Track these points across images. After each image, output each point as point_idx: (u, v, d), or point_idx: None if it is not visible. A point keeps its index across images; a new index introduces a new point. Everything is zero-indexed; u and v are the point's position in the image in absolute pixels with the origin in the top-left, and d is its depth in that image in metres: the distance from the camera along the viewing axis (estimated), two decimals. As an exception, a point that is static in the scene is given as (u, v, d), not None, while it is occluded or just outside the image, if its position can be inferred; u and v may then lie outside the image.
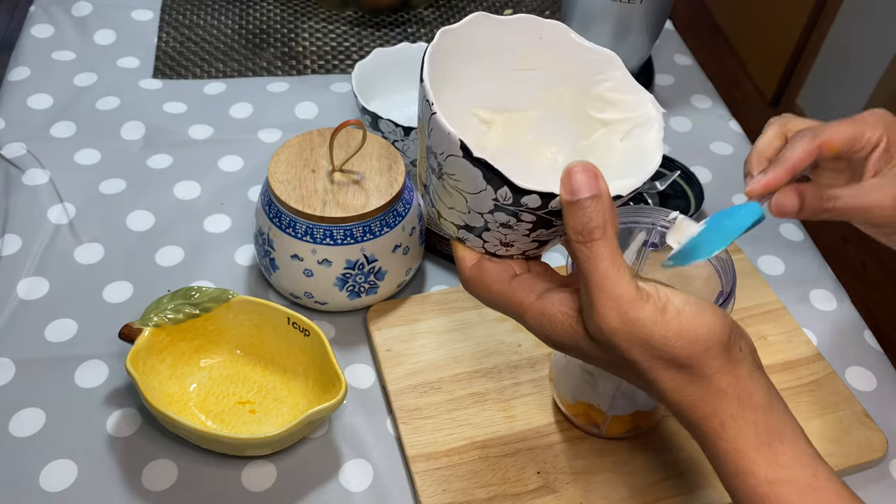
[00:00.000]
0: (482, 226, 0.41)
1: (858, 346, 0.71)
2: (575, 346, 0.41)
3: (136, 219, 0.75)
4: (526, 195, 0.38)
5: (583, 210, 0.36)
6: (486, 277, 0.43)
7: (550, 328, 0.41)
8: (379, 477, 0.59)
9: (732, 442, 0.39)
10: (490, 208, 0.40)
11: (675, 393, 0.40)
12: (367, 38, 0.98)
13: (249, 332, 0.63)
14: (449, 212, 0.43)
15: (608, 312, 0.37)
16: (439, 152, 0.40)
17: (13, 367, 0.63)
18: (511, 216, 0.40)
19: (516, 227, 0.40)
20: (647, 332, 0.38)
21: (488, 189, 0.39)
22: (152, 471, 0.58)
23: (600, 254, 0.37)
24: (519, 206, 0.39)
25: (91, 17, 0.98)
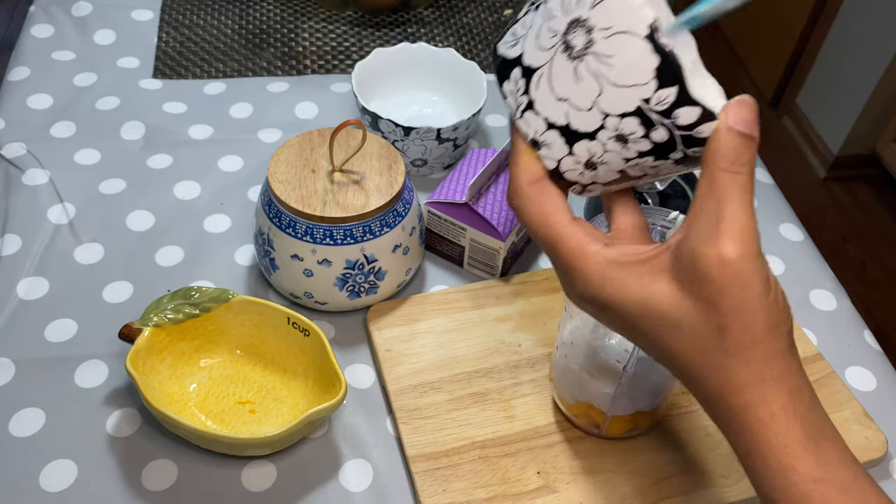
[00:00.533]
0: (591, 131, 0.37)
1: (858, 346, 0.71)
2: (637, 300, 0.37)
3: (136, 219, 0.75)
4: (690, 106, 0.35)
5: (744, 141, 0.35)
6: (548, 204, 0.39)
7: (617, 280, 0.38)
8: (379, 477, 0.59)
9: (780, 435, 0.36)
10: (628, 110, 0.36)
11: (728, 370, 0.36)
12: (367, 38, 0.98)
13: (249, 332, 0.63)
14: (552, 105, 0.38)
15: (734, 243, 0.35)
16: (603, 27, 0.35)
17: (13, 367, 0.63)
18: (643, 126, 0.36)
19: (631, 144, 0.37)
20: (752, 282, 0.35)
21: (649, 85, 0.35)
22: (152, 471, 0.58)
23: (745, 187, 0.35)
24: (666, 117, 0.35)
25: (91, 17, 0.98)
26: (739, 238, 0.35)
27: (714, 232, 0.35)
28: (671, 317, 0.37)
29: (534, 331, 0.67)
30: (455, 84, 0.84)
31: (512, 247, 0.71)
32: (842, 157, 2.10)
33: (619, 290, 0.38)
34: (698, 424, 0.62)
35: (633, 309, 0.38)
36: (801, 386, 0.37)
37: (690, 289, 0.36)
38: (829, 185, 2.10)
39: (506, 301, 0.70)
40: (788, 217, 0.83)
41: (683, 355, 0.38)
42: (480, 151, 0.73)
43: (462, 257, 0.73)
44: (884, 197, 2.09)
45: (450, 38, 1.00)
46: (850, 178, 2.12)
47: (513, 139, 0.41)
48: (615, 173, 0.39)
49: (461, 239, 0.71)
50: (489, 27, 1.02)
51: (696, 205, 0.37)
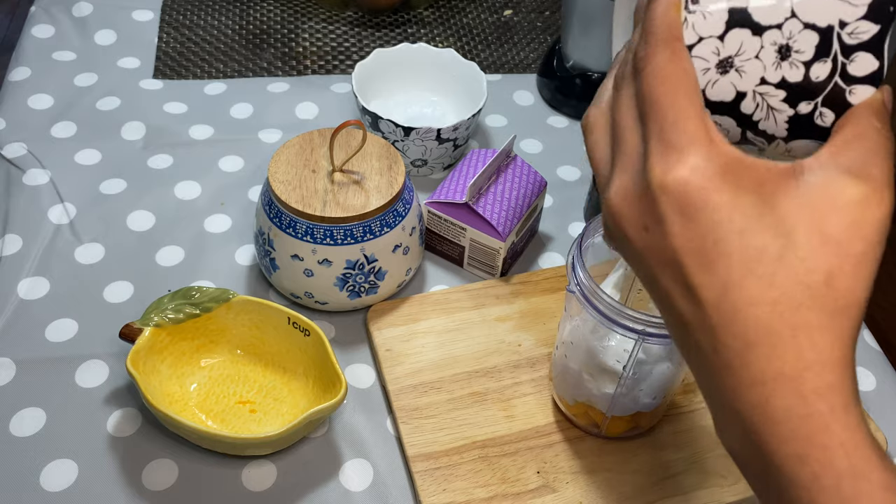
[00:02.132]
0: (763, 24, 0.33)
1: (858, 346, 0.71)
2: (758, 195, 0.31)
3: (136, 219, 0.75)
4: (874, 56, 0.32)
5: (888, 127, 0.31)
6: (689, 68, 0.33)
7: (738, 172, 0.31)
8: (379, 477, 0.59)
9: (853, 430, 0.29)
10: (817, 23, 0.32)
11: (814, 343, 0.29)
12: (367, 38, 0.98)
13: (250, 331, 0.63)
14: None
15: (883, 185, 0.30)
16: None
17: (13, 367, 0.63)
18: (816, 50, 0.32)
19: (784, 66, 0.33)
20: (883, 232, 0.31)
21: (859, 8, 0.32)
22: (152, 471, 0.58)
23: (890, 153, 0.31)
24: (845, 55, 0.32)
25: (91, 17, 0.98)
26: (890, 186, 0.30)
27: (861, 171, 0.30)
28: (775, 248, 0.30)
29: (534, 331, 0.68)
30: (455, 84, 0.85)
31: (512, 247, 0.71)
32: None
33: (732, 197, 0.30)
34: (698, 424, 0.62)
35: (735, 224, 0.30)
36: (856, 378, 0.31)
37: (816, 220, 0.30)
38: (830, 186, 2.09)
39: (506, 301, 0.70)
40: (788, 217, 0.83)
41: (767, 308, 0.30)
42: (480, 151, 0.73)
43: (462, 257, 0.73)
44: (884, 197, 2.09)
45: (450, 39, 1.00)
46: (850, 179, 2.11)
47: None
48: (733, 93, 0.34)
49: (461, 239, 0.71)
50: (489, 27, 1.02)
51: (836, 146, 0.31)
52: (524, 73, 0.96)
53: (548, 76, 0.92)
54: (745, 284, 0.30)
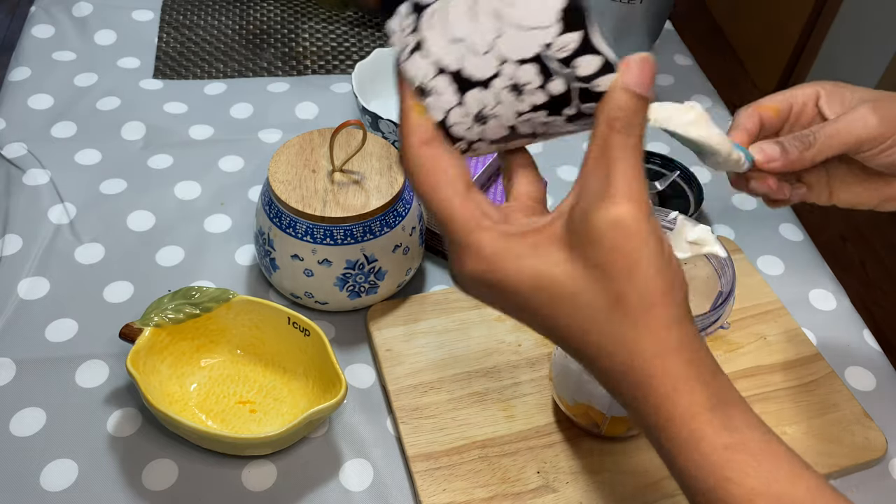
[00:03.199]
0: (485, 78, 0.35)
1: (858, 346, 0.71)
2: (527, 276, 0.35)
3: (136, 219, 0.75)
4: (591, 55, 0.33)
5: (636, 102, 0.34)
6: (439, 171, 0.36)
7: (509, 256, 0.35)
8: (379, 477, 0.59)
9: (684, 407, 0.35)
10: (527, 56, 0.34)
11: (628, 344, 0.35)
12: (367, 38, 0.98)
13: (250, 331, 0.63)
14: (444, 47, 0.35)
15: (623, 204, 0.34)
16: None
17: (13, 367, 0.63)
18: (540, 75, 0.34)
19: (526, 96, 0.35)
20: (642, 244, 0.34)
21: (552, 28, 0.33)
22: (152, 471, 0.58)
23: (636, 149, 0.34)
24: (566, 66, 0.34)
25: (91, 17, 0.98)
26: (631, 198, 0.34)
27: (605, 194, 0.34)
28: (566, 288, 0.35)
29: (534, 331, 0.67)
30: (455, 84, 0.84)
31: (512, 247, 0.71)
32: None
33: (514, 263, 0.35)
34: (698, 424, 0.62)
35: (528, 283, 0.35)
36: (700, 354, 0.36)
37: (584, 254, 0.34)
38: (830, 185, 2.09)
39: (506, 301, 0.70)
40: (788, 217, 0.83)
41: (581, 331, 0.36)
42: (480, 151, 0.73)
43: (462, 257, 0.72)
44: (884, 197, 2.09)
45: (450, 39, 1.00)
46: (850, 179, 2.11)
47: (399, 89, 0.37)
48: (505, 129, 0.37)
49: (461, 239, 0.71)
50: (489, 27, 1.02)
51: (587, 167, 0.35)
52: (524, 73, 0.96)
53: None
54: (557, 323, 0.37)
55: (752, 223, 0.81)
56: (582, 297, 0.35)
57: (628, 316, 0.35)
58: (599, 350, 0.36)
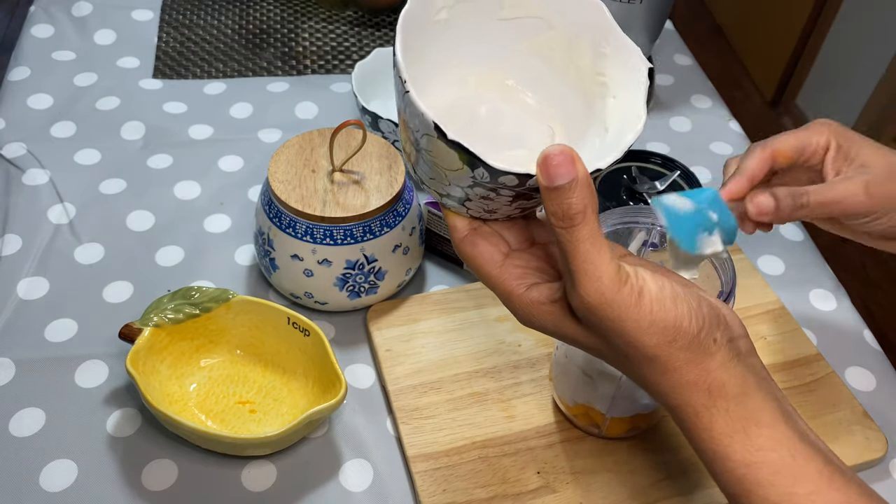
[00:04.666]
0: (464, 197, 0.42)
1: (858, 346, 0.71)
2: (560, 333, 0.42)
3: (136, 219, 0.75)
4: (503, 175, 0.38)
5: (562, 196, 0.37)
6: (478, 257, 0.44)
7: (539, 317, 0.42)
8: (379, 477, 0.59)
9: (706, 430, 0.40)
10: (469, 184, 0.40)
11: (651, 381, 0.41)
12: (367, 38, 0.98)
13: (249, 332, 0.63)
14: (431, 181, 0.43)
15: (588, 292, 0.38)
16: (415, 130, 0.40)
17: (13, 367, 0.63)
18: (490, 191, 0.40)
19: (496, 199, 0.41)
20: (621, 315, 0.38)
21: (465, 168, 0.39)
22: (152, 471, 0.58)
23: (581, 237, 0.37)
24: (497, 184, 0.39)
25: (91, 17, 0.98)
26: (591, 284, 0.38)
27: (573, 286, 0.39)
28: (591, 347, 0.42)
29: (533, 331, 0.67)
30: (455, 84, 0.84)
31: (512, 247, 0.71)
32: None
33: (543, 325, 0.42)
34: (698, 424, 0.62)
35: (562, 337, 0.43)
36: (723, 382, 0.40)
37: (587, 327, 0.41)
38: (829, 185, 2.09)
39: (506, 301, 0.69)
40: (788, 217, 0.83)
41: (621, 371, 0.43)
42: (480, 151, 0.73)
43: (462, 257, 0.73)
44: (884, 197, 2.08)
45: (450, 38, 0.99)
46: (849, 178, 2.11)
47: None
48: (512, 209, 0.43)
49: (461, 239, 0.71)
50: (489, 27, 1.02)
51: (559, 258, 0.40)
52: (524, 73, 0.96)
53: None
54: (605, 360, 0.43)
55: (753, 223, 0.81)
56: (605, 353, 0.42)
57: (639, 366, 0.40)
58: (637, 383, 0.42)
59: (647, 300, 0.39)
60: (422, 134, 0.39)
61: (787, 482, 0.39)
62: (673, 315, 0.39)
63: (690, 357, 0.39)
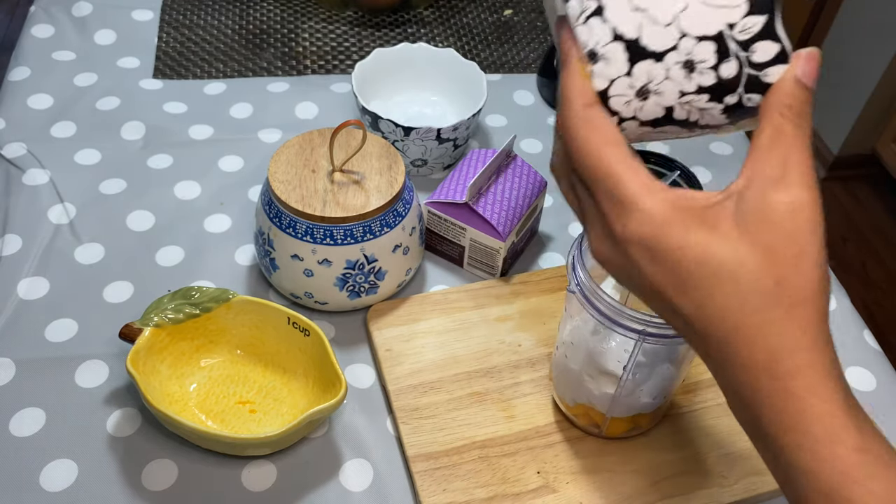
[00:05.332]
0: (661, 51, 0.35)
1: (858, 346, 0.71)
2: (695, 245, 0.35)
3: (136, 219, 0.75)
4: (771, 41, 0.34)
5: (807, 95, 0.35)
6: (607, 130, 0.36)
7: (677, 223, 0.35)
8: (379, 477, 0.59)
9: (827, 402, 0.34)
10: (708, 33, 0.34)
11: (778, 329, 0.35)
12: (367, 38, 0.98)
13: (249, 331, 0.63)
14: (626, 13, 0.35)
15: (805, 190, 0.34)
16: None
17: (13, 367, 0.63)
18: (717, 55, 0.34)
19: (697, 76, 0.35)
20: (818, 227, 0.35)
21: (740, 7, 0.34)
22: (152, 471, 0.58)
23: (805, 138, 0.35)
24: (744, 50, 0.34)
25: (91, 17, 0.98)
26: (810, 187, 0.35)
27: (784, 179, 0.34)
28: (728, 267, 0.35)
29: (534, 331, 0.67)
30: (455, 84, 0.85)
31: (512, 247, 0.71)
32: (842, 157, 2.10)
33: (682, 235, 0.35)
34: (698, 424, 0.62)
35: (691, 256, 0.35)
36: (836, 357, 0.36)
37: (755, 236, 0.34)
38: (829, 185, 2.10)
39: (506, 301, 0.70)
40: (788, 217, 0.83)
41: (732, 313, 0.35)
42: (480, 151, 0.73)
43: (462, 257, 0.73)
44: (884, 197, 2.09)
45: (450, 38, 1.00)
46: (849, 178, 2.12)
47: (563, 49, 0.37)
48: (661, 110, 0.36)
49: (461, 239, 0.71)
50: (489, 27, 1.02)
51: (758, 153, 0.35)
52: (524, 73, 0.96)
53: (548, 76, 0.92)
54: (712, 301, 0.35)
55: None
56: (745, 278, 0.35)
57: (783, 303, 0.34)
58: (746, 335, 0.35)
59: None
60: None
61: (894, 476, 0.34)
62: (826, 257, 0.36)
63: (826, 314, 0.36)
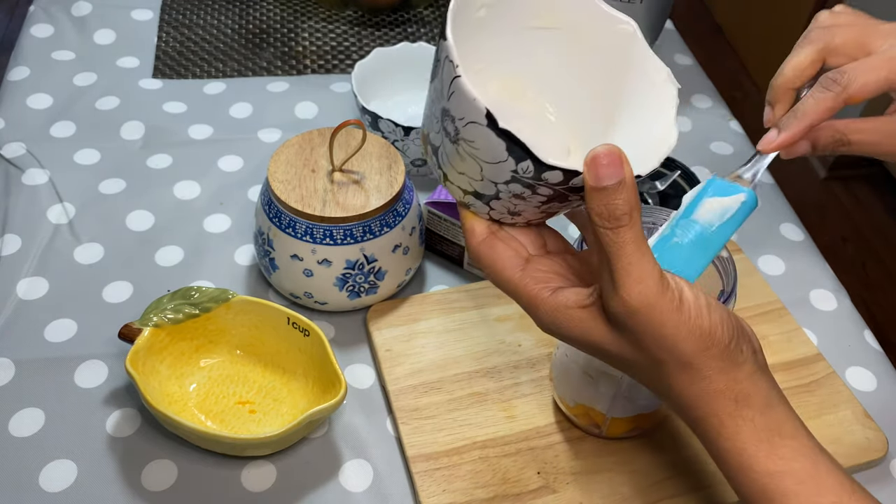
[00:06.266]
0: (493, 194, 0.41)
1: (858, 346, 0.71)
2: (586, 340, 0.41)
3: (135, 219, 0.75)
4: (549, 171, 0.37)
5: (609, 197, 0.36)
6: (498, 261, 0.42)
7: (566, 323, 0.41)
8: (379, 477, 0.59)
9: (731, 439, 0.40)
10: (507, 179, 0.39)
11: (677, 390, 0.41)
12: (367, 37, 0.98)
13: (249, 332, 0.63)
14: (458, 177, 0.42)
15: (631, 295, 0.37)
16: (459, 117, 0.38)
17: (13, 367, 0.63)
18: (527, 188, 0.39)
19: (530, 199, 0.40)
20: (663, 320, 0.38)
21: (509, 161, 0.38)
22: (152, 471, 0.58)
23: (627, 239, 0.37)
24: (538, 181, 0.38)
25: (91, 16, 0.98)
26: (635, 287, 0.37)
27: (614, 288, 0.38)
28: (616, 355, 0.41)
29: (534, 331, 0.67)
30: (455, 84, 0.84)
31: (512, 247, 0.71)
32: (842, 158, 2.10)
33: (570, 330, 0.41)
34: (698, 424, 0.62)
35: (587, 343, 0.42)
36: (749, 393, 0.40)
37: (620, 334, 0.40)
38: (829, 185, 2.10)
39: (506, 301, 0.69)
40: (788, 217, 0.83)
41: (642, 382, 0.43)
42: (480, 151, 0.73)
43: (462, 257, 0.73)
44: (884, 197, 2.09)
45: (450, 38, 0.99)
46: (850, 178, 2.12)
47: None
48: (539, 213, 0.42)
49: (461, 239, 0.71)
50: (489, 27, 1.02)
51: (598, 261, 0.39)
52: (524, 73, 0.96)
53: (548, 76, 0.92)
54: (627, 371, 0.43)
55: (753, 223, 0.81)
56: (632, 362, 0.41)
57: (670, 374, 0.40)
58: (658, 393, 0.43)
59: (686, 307, 0.38)
60: (466, 122, 0.38)
61: (811, 492, 0.39)
62: (708, 323, 0.39)
63: (722, 366, 0.39)
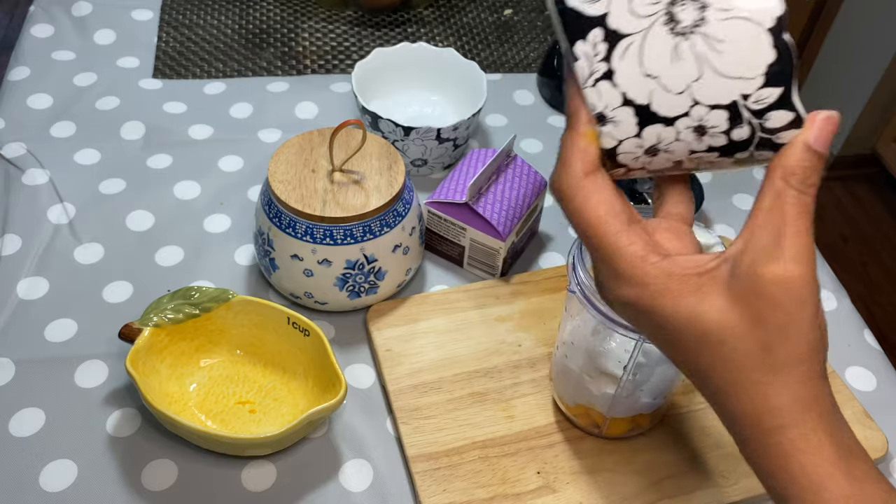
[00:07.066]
0: (671, 116, 0.35)
1: (858, 346, 0.71)
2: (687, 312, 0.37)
3: (135, 219, 0.75)
4: (786, 110, 0.34)
5: (819, 162, 0.35)
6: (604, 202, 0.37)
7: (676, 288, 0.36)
8: (379, 477, 0.59)
9: (812, 455, 0.36)
10: (721, 102, 0.34)
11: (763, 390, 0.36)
12: (367, 37, 0.98)
13: (249, 332, 0.63)
14: (637, 79, 0.34)
15: (795, 264, 0.35)
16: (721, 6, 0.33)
17: (13, 367, 0.63)
18: (729, 122, 0.34)
19: (707, 138, 0.35)
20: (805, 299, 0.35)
21: (756, 80, 0.33)
22: (152, 471, 0.58)
23: (808, 208, 0.35)
24: (757, 117, 0.34)
25: (91, 16, 0.98)
26: (802, 259, 0.35)
27: (776, 249, 0.35)
28: (715, 333, 0.36)
29: (534, 331, 0.67)
30: (455, 84, 0.84)
31: (512, 247, 0.71)
32: (842, 157, 2.10)
33: (673, 300, 0.37)
34: (699, 424, 0.62)
35: (682, 320, 0.37)
36: (831, 409, 0.37)
37: (743, 303, 0.36)
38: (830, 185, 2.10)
39: (506, 301, 0.70)
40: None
41: (720, 373, 0.37)
42: (480, 151, 0.73)
43: (462, 257, 0.73)
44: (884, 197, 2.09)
45: (450, 38, 1.00)
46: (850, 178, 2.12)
47: (571, 109, 0.37)
48: (670, 162, 0.37)
49: (461, 239, 0.71)
50: (489, 27, 1.02)
51: (758, 218, 0.36)
52: (524, 73, 0.96)
53: (548, 76, 0.92)
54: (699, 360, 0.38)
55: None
56: (730, 342, 0.36)
57: (772, 367, 0.36)
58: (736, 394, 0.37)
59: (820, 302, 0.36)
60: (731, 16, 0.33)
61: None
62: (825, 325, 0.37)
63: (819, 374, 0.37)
